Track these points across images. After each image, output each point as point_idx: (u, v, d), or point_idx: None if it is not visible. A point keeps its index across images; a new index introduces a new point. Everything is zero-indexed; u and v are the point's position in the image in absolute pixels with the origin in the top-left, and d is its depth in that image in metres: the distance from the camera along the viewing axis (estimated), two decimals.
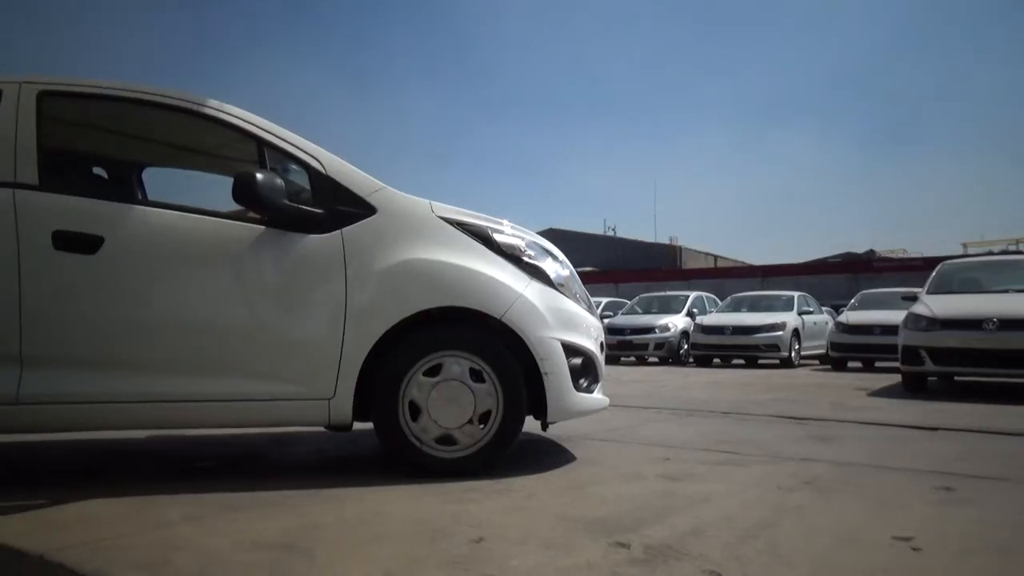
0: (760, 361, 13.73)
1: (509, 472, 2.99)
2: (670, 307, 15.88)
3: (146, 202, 3.22)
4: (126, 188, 3.89)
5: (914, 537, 2.14)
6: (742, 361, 14.08)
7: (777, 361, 13.12)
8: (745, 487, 2.83)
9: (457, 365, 2.96)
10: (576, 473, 3.10)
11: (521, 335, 2.99)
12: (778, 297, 14.88)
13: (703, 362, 13.88)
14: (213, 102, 3.06)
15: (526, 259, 3.18)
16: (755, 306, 14.56)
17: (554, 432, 3.88)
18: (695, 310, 15.63)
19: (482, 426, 2.97)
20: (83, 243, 2.78)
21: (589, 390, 3.26)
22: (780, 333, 12.95)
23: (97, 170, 3.84)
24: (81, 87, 3.07)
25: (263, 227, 2.94)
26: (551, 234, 34.37)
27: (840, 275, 29.67)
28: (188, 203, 2.96)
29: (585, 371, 3.22)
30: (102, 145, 3.82)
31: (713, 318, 14.16)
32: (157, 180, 4.04)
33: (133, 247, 2.85)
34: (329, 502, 2.57)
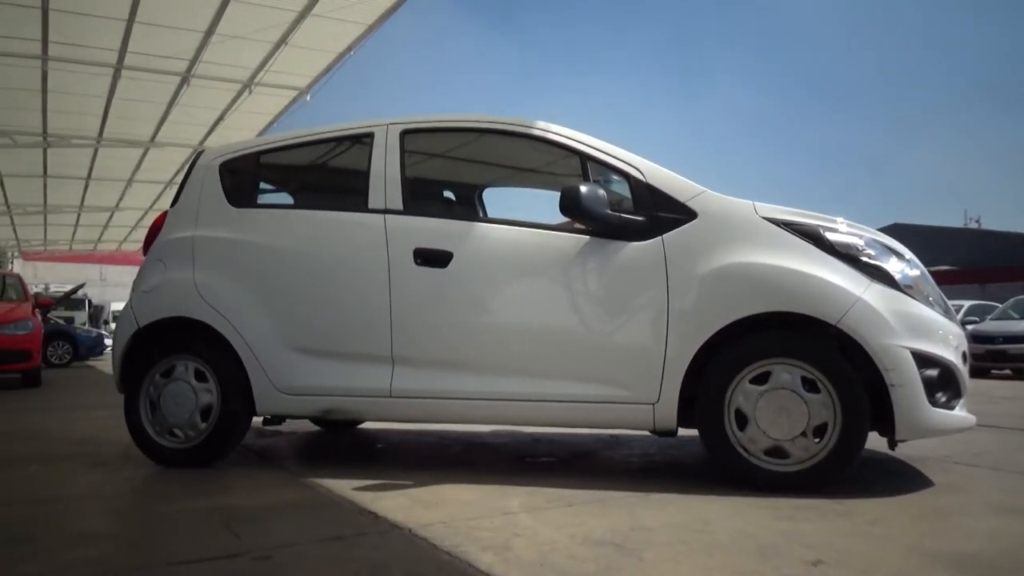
0: None
1: (850, 492, 2.72)
2: None
3: (487, 219, 3.57)
4: (470, 208, 4.37)
5: None
6: None
7: None
8: None
9: (787, 373, 2.79)
10: (934, 500, 2.72)
11: (861, 342, 2.72)
12: None
13: None
14: (540, 123, 3.30)
15: (865, 259, 2.88)
16: None
17: (905, 452, 3.45)
18: None
19: (817, 440, 2.76)
20: (437, 258, 3.19)
21: (948, 406, 2.84)
22: None
23: (447, 193, 4.38)
24: (432, 123, 3.53)
25: (588, 237, 3.07)
26: (895, 230, 30.69)
27: None
28: (521, 218, 3.23)
29: (943, 384, 2.81)
30: (449, 171, 4.34)
31: None
32: (495, 198, 4.47)
33: (477, 260, 3.18)
34: (656, 506, 2.59)
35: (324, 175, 4.14)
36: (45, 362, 10.87)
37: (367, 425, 4.75)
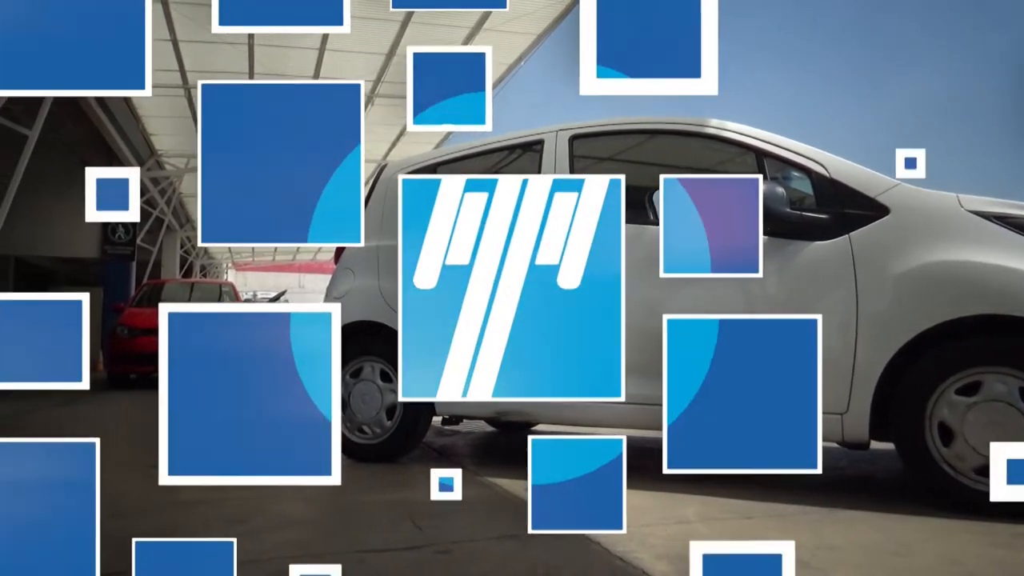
0: None
1: None
2: None
3: (657, 222, 3.50)
4: (640, 211, 4.31)
5: None
6: None
7: None
8: None
9: (1002, 384, 2.49)
10: None
11: None
12: None
13: None
14: (714, 121, 3.20)
15: None
16: None
17: None
18: None
19: None
20: None
21: None
22: None
23: None
24: (601, 126, 3.54)
25: (766, 237, 2.93)
26: None
27: None
28: None
29: None
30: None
31: None
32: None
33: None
34: (845, 524, 2.41)
35: None
36: None
37: (539, 428, 4.82)
